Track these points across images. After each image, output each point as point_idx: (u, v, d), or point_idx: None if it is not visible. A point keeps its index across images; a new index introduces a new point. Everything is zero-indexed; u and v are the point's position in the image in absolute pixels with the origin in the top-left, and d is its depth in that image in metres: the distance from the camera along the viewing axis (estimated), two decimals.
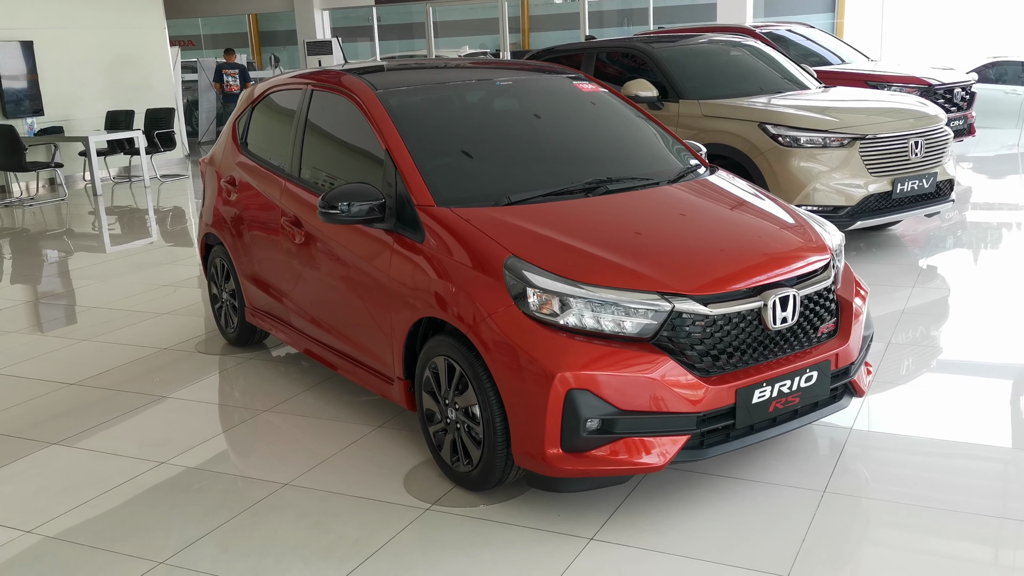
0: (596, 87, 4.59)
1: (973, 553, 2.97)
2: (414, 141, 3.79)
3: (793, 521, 3.15)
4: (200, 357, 5.25)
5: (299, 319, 4.47)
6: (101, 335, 5.78)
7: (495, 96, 4.44)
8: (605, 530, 3.14)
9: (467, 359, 3.24)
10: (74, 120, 13.43)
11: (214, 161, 5.34)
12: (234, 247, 4.98)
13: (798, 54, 9.55)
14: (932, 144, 6.53)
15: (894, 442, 3.77)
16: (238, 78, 16.01)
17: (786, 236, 3.53)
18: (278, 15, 23.80)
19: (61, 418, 4.44)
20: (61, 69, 13.24)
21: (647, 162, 4.20)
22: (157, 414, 4.44)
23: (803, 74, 7.76)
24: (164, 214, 11.03)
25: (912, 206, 6.54)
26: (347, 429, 4.09)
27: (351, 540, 3.17)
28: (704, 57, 7.62)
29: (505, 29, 17.12)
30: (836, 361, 3.35)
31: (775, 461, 3.58)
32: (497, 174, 3.88)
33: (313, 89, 4.47)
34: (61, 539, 3.28)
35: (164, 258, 8.34)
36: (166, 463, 3.86)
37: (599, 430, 3.01)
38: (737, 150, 6.43)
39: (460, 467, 3.42)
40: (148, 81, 14.61)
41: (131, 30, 14.32)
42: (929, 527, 3.10)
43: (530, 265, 3.15)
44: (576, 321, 3.05)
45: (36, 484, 3.74)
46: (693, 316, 3.07)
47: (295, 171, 4.42)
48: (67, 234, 10.06)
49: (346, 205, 3.59)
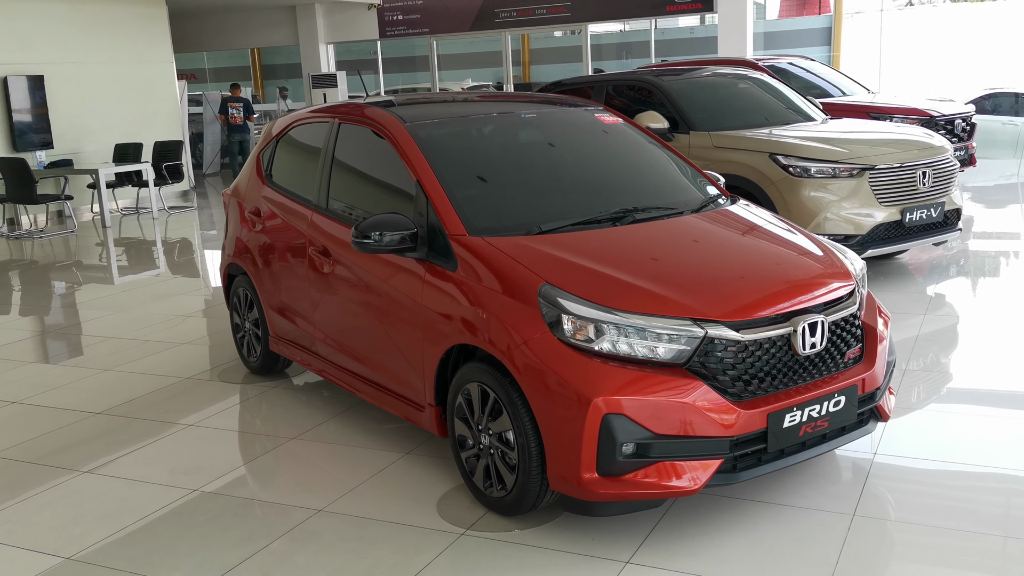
0: (616, 119, 4.70)
1: (991, 570, 3.02)
2: (444, 172, 3.88)
3: (825, 544, 3.20)
4: (222, 386, 5.31)
5: (325, 347, 4.53)
6: (121, 364, 5.83)
7: (520, 128, 4.54)
8: (640, 553, 3.19)
9: (501, 385, 3.30)
10: (83, 153, 13.55)
11: (238, 192, 5.43)
12: (258, 276, 5.05)
13: (800, 86, 9.71)
14: (939, 174, 6.65)
15: (915, 465, 3.83)
16: (242, 110, 16.73)
17: (812, 264, 3.62)
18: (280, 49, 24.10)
19: (90, 446, 4.49)
20: (71, 103, 13.38)
21: (671, 192, 4.30)
22: (185, 442, 4.49)
23: (808, 106, 7.90)
24: (172, 245, 11.11)
25: (921, 235, 6.65)
26: (375, 456, 4.14)
27: (389, 564, 3.22)
28: (712, 89, 7.75)
29: (508, 62, 17.34)
30: (863, 386, 3.42)
31: (802, 486, 3.64)
32: (526, 204, 3.97)
33: (340, 122, 4.57)
34: (101, 565, 3.32)
35: (174, 289, 8.41)
36: (199, 490, 3.90)
37: (634, 454, 3.07)
38: (749, 180, 6.54)
39: (494, 492, 3.47)
40: (156, 114, 14.76)
41: (140, 64, 14.50)
42: (954, 548, 3.15)
43: (564, 292, 3.22)
44: (610, 347, 3.12)
45: (72, 511, 3.78)
46: (725, 342, 3.14)
47: (323, 202, 4.51)
48: (77, 266, 10.12)
49: (379, 235, 3.67)
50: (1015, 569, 3.03)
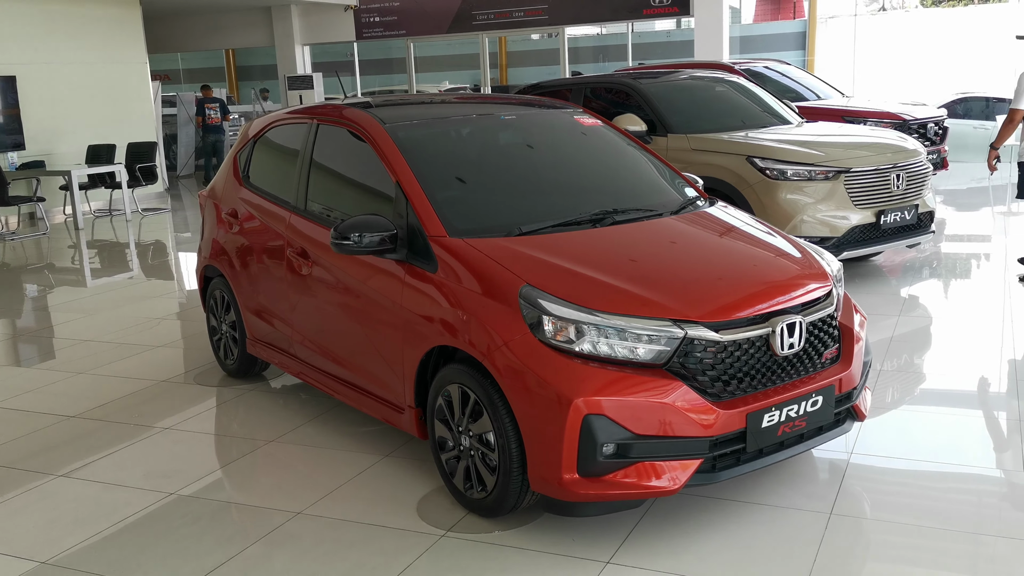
0: (596, 121, 4.71)
1: (964, 568, 3.05)
2: (424, 173, 3.87)
3: (803, 543, 3.23)
4: (198, 389, 5.26)
5: (303, 349, 4.51)
6: (96, 368, 5.76)
7: (500, 130, 4.54)
8: (621, 553, 3.20)
9: (482, 386, 3.30)
10: (55, 154, 13.39)
11: (214, 194, 5.39)
12: (235, 279, 5.02)
13: (775, 90, 9.78)
14: (913, 177, 6.72)
15: (890, 465, 3.87)
16: (219, 110, 16.71)
17: (790, 265, 3.64)
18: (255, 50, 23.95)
19: (65, 450, 4.44)
20: (43, 104, 13.22)
21: (649, 194, 4.31)
22: (161, 445, 4.44)
23: (784, 109, 7.96)
24: (146, 248, 11.00)
25: (895, 237, 6.72)
26: (354, 459, 4.12)
27: (369, 567, 3.20)
28: (690, 92, 7.80)
29: (486, 64, 17.34)
30: (840, 386, 3.45)
31: (780, 485, 3.66)
32: (506, 205, 3.97)
33: (319, 123, 4.55)
34: (77, 569, 3.28)
35: (148, 292, 8.33)
36: (176, 494, 3.87)
37: (615, 455, 3.08)
38: (725, 183, 6.58)
39: (474, 494, 3.46)
40: (129, 115, 14.61)
41: (113, 65, 14.35)
42: (928, 546, 3.19)
43: (545, 294, 3.22)
44: (591, 348, 3.13)
45: (47, 515, 3.73)
46: (705, 342, 3.16)
47: (301, 203, 4.48)
48: (49, 268, 10.01)
49: (358, 236, 3.66)
50: (986, 567, 3.07)
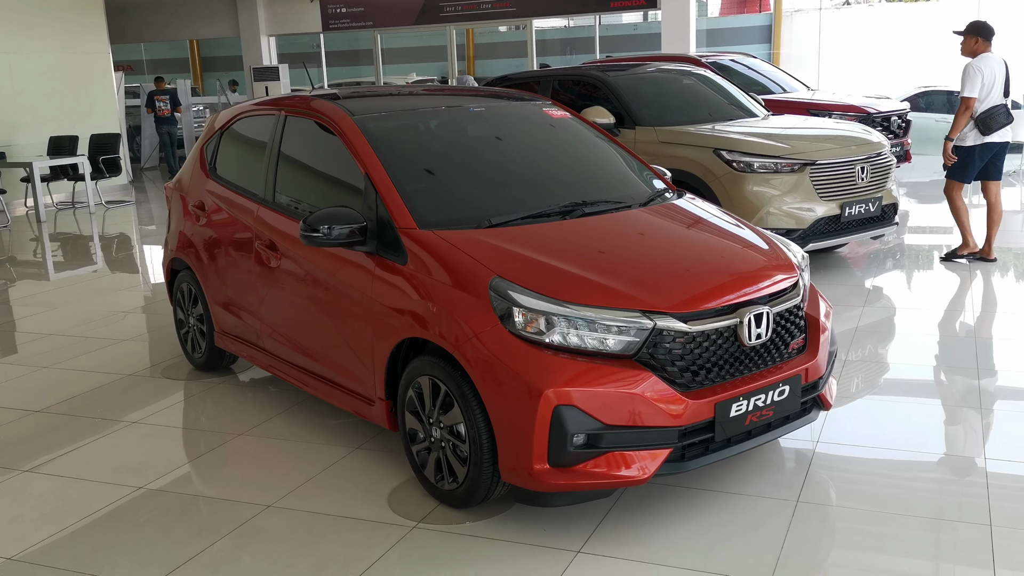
0: (564, 113, 4.73)
1: (927, 553, 3.12)
2: (393, 165, 3.86)
3: (770, 530, 3.28)
4: (166, 382, 5.22)
5: (272, 342, 4.48)
6: (61, 362, 5.69)
7: (469, 122, 4.54)
8: (591, 543, 3.22)
9: (452, 378, 3.31)
10: (16, 146, 13.17)
11: (181, 186, 5.34)
12: (203, 271, 4.98)
13: (742, 83, 9.86)
14: (877, 169, 6.82)
15: (855, 453, 3.93)
16: (168, 102, 16.96)
17: (757, 256, 3.69)
18: (220, 41, 23.69)
19: (30, 445, 4.38)
20: (3, 94, 12.99)
21: (618, 186, 4.34)
22: (128, 440, 4.40)
23: (751, 102, 8.03)
24: (110, 240, 10.87)
25: (859, 229, 6.81)
26: (324, 451, 4.11)
27: (340, 559, 3.20)
28: (658, 85, 7.84)
29: (453, 56, 17.30)
30: (806, 376, 3.50)
31: (748, 474, 3.71)
32: (476, 197, 3.98)
33: (286, 115, 4.52)
34: (44, 565, 3.25)
35: (113, 285, 8.23)
36: (143, 488, 3.84)
37: (585, 445, 3.10)
38: (693, 175, 6.63)
39: (445, 485, 3.47)
40: (92, 106, 14.40)
41: (75, 55, 14.13)
42: (892, 533, 3.25)
43: (515, 285, 3.24)
44: (561, 339, 3.15)
45: (12, 511, 3.68)
46: (673, 333, 3.19)
47: (269, 196, 4.46)
48: (11, 261, 9.85)
49: (328, 228, 3.65)
50: (947, 552, 3.13)
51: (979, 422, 4.19)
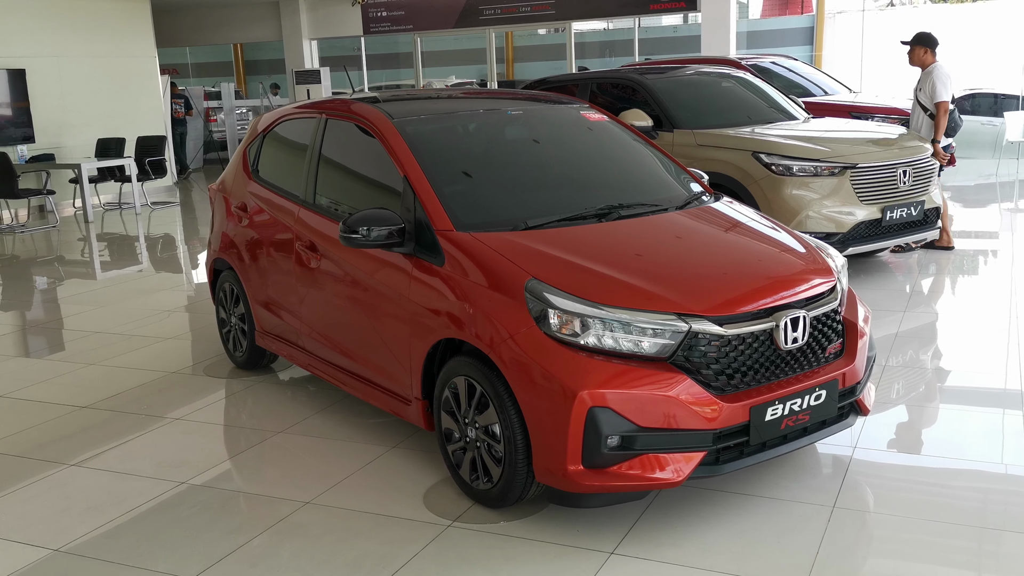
0: (602, 116, 4.74)
1: (967, 563, 3.08)
2: (431, 168, 3.91)
3: (806, 535, 3.26)
4: (208, 380, 5.31)
5: (312, 342, 4.55)
6: (106, 359, 5.82)
7: (506, 125, 4.57)
8: (625, 544, 3.24)
9: (488, 379, 3.34)
10: (64, 148, 13.46)
11: (224, 188, 5.43)
12: (245, 272, 5.07)
13: (782, 85, 9.79)
14: (919, 173, 6.73)
15: (894, 459, 3.90)
16: (183, 106, 17.86)
17: (794, 260, 3.67)
18: (263, 45, 23.98)
19: (76, 440, 4.49)
20: (52, 97, 13.29)
21: (655, 189, 4.34)
22: (171, 436, 4.50)
23: (791, 105, 7.97)
24: (155, 241, 11.07)
25: (900, 233, 6.73)
26: (361, 450, 4.17)
27: (376, 556, 3.25)
28: (696, 88, 7.81)
29: (492, 60, 17.36)
30: (843, 380, 3.47)
31: (783, 479, 3.69)
32: (513, 200, 4.01)
33: (327, 118, 4.58)
34: (89, 556, 3.34)
35: (158, 284, 8.39)
36: (186, 483, 3.92)
37: (619, 447, 3.11)
38: (731, 178, 6.60)
39: (480, 485, 3.51)
40: (138, 109, 14.68)
41: (123, 58, 14.41)
42: (930, 541, 3.22)
43: (551, 287, 3.26)
44: (596, 341, 3.16)
45: (59, 504, 3.78)
46: (709, 336, 3.19)
47: (310, 197, 4.52)
48: (59, 261, 10.08)
49: (367, 230, 3.70)
50: (990, 563, 3.09)
51: (1022, 429, 4.13)
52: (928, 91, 7.55)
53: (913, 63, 7.71)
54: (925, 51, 7.65)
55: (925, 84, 7.57)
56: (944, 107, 7.43)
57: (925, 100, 7.62)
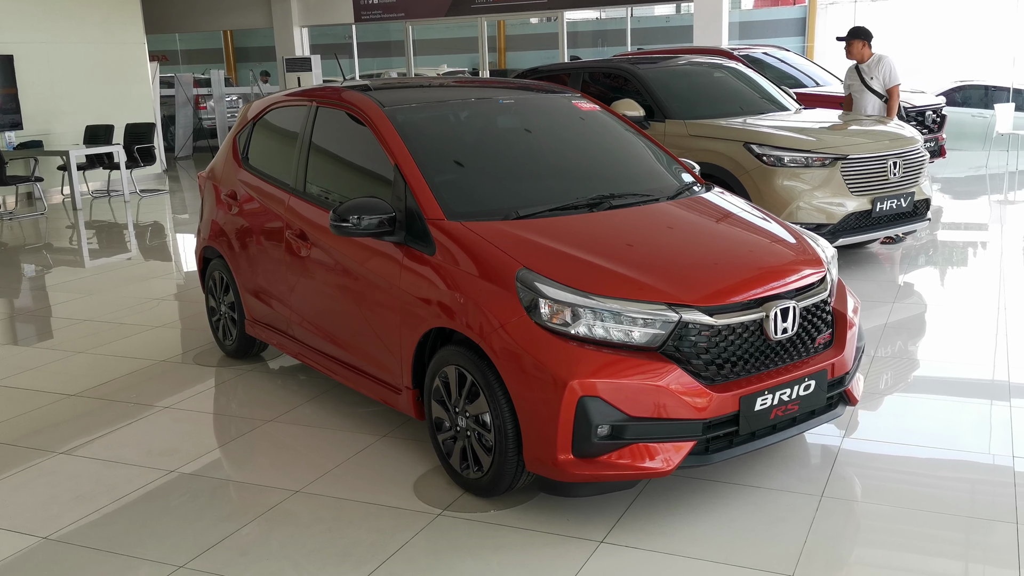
0: (594, 106, 4.74)
1: (954, 553, 3.11)
2: (422, 156, 3.90)
3: (794, 524, 3.28)
4: (198, 369, 5.30)
5: (302, 330, 4.54)
6: (95, 347, 5.80)
7: (498, 114, 4.56)
8: (614, 533, 3.25)
9: (479, 368, 3.34)
10: (53, 134, 13.37)
11: (214, 175, 5.41)
12: (235, 260, 5.05)
13: (774, 76, 9.79)
14: (909, 164, 6.75)
15: (882, 449, 3.92)
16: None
17: (784, 251, 3.68)
18: (253, 32, 23.87)
19: (65, 428, 4.48)
20: (41, 83, 13.20)
21: (646, 179, 4.34)
22: (160, 424, 4.49)
23: (783, 96, 7.98)
24: (144, 228, 11.02)
25: (890, 224, 6.75)
26: (352, 439, 4.17)
27: (366, 544, 3.25)
28: (688, 78, 7.81)
29: (484, 48, 17.30)
30: (832, 371, 3.49)
31: (772, 468, 3.71)
32: (504, 189, 4.00)
33: (318, 106, 4.56)
34: (78, 544, 3.33)
35: (147, 272, 8.36)
36: (175, 472, 3.91)
37: (609, 436, 3.12)
38: (723, 168, 6.60)
39: (470, 474, 3.51)
40: (128, 96, 14.59)
41: (111, 45, 14.32)
42: (917, 531, 3.24)
43: (541, 277, 3.26)
44: (587, 331, 3.17)
45: (47, 492, 3.77)
46: (699, 326, 3.20)
47: (300, 186, 4.51)
48: (47, 248, 10.03)
49: (357, 218, 3.69)
50: (977, 553, 3.12)
51: (1009, 420, 4.15)
52: (882, 77, 8.18)
53: (851, 56, 8.34)
54: (863, 44, 8.26)
55: (876, 72, 8.21)
56: (897, 91, 8.21)
57: (878, 86, 8.21)
